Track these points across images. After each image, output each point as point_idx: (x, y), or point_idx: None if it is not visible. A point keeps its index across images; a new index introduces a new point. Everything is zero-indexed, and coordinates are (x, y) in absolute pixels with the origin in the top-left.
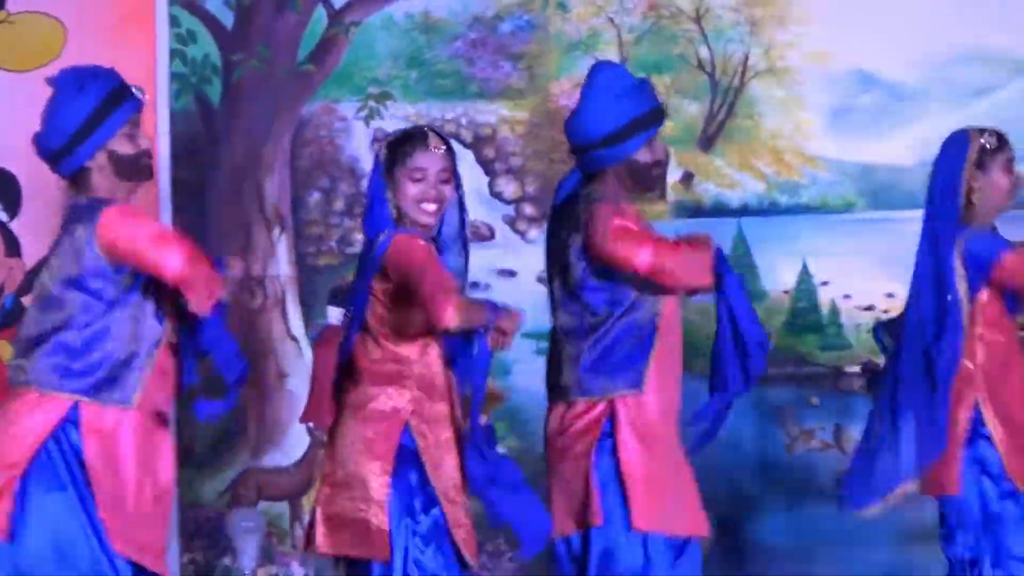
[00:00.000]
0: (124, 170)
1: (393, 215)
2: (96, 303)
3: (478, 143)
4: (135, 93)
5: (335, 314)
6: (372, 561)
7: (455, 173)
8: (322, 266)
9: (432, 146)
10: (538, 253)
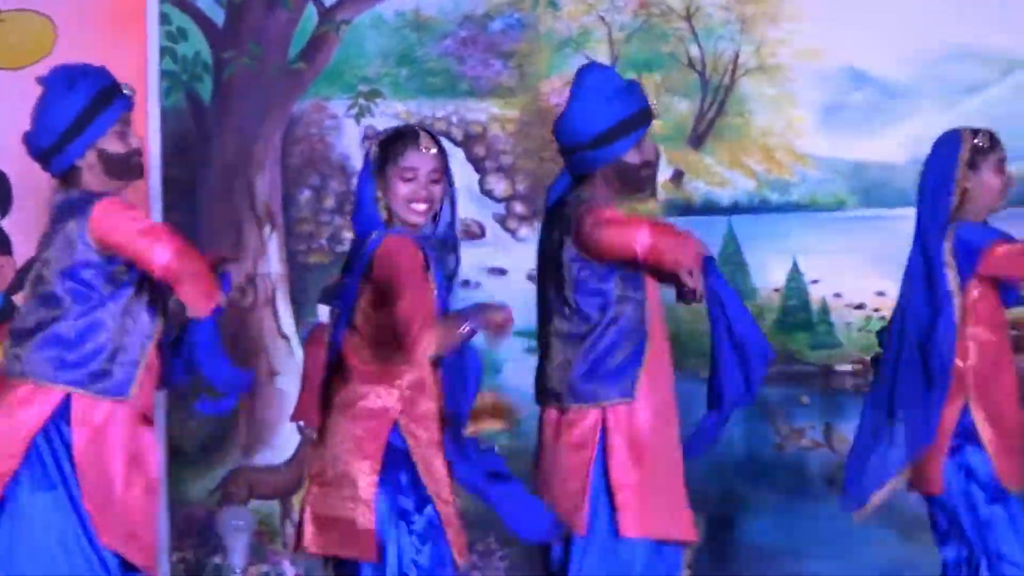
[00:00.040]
0: (114, 169)
1: (383, 215)
2: (89, 295)
3: (468, 141)
4: (125, 92)
5: (325, 312)
6: (360, 561)
7: (447, 172)
8: (313, 264)
9: (423, 146)
10: (529, 251)
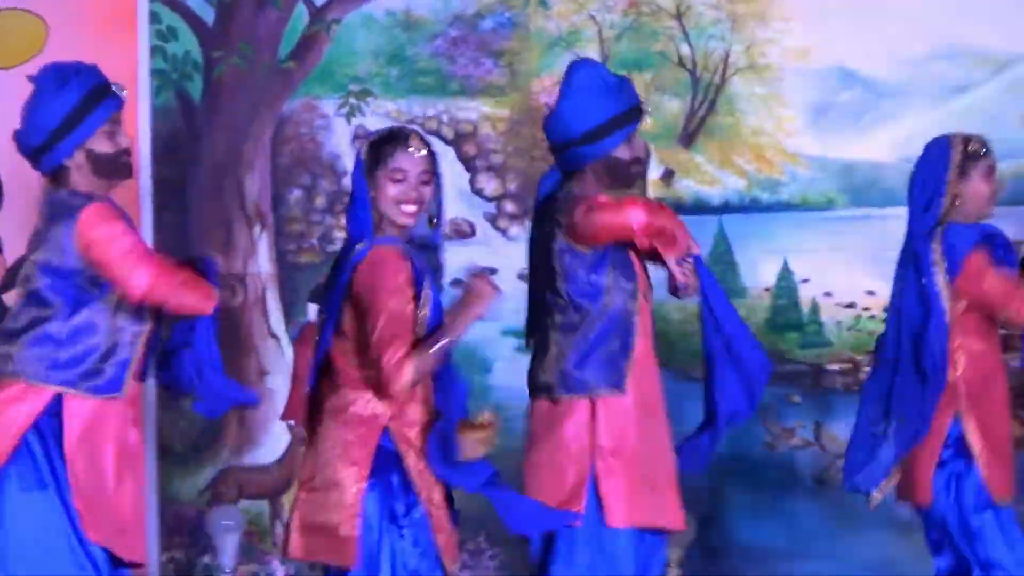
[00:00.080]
0: (102, 168)
1: (373, 218)
2: (79, 295)
3: (459, 140)
4: (116, 91)
5: (315, 312)
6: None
7: (436, 174)
8: (303, 263)
9: (413, 147)
10: (519, 250)
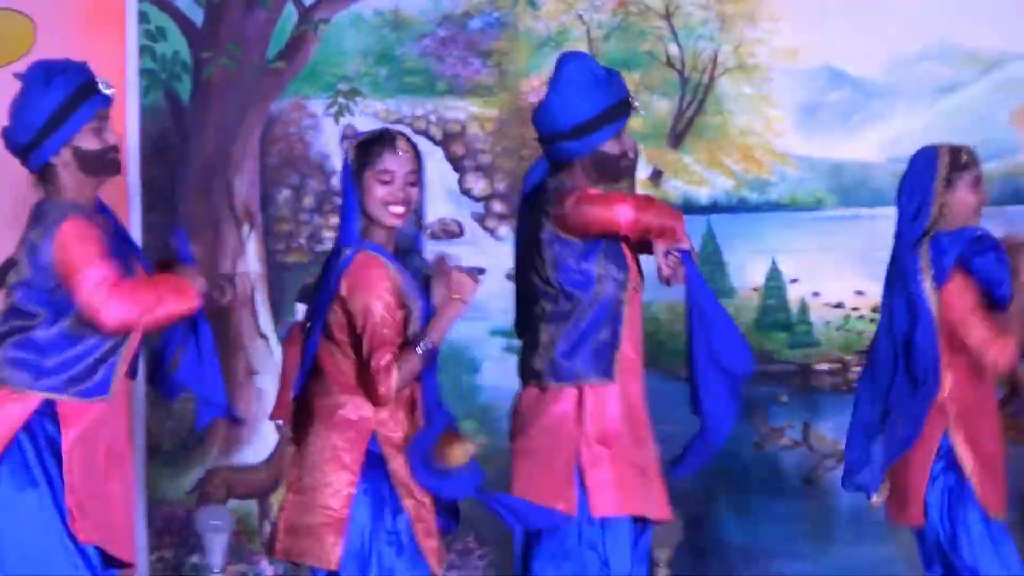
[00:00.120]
0: (89, 166)
1: (362, 221)
2: (63, 301)
3: (447, 140)
4: (103, 88)
5: (303, 311)
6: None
7: (420, 176)
8: (291, 263)
9: (400, 149)
10: (507, 250)
